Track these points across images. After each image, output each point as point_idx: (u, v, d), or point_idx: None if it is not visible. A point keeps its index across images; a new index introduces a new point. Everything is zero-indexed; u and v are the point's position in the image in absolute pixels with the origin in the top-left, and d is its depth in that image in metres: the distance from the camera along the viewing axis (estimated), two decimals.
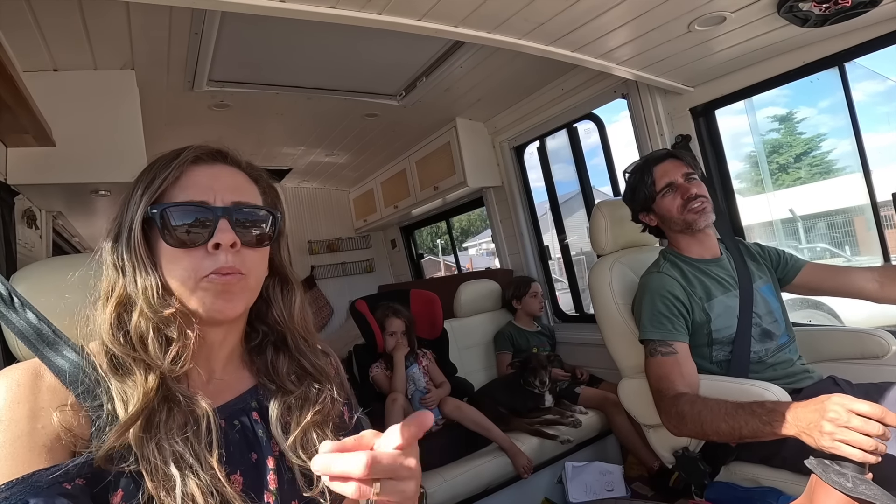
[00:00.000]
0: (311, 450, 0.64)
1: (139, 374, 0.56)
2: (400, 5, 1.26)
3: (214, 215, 0.60)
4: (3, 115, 1.43)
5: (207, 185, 0.62)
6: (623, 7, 1.40)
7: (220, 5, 1.16)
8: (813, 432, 0.94)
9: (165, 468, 0.53)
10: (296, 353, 0.70)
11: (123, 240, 0.60)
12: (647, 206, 1.54)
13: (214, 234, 0.59)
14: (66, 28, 1.55)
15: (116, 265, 0.60)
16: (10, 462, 0.49)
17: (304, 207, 4.26)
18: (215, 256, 0.59)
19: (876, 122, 2.20)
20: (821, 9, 1.40)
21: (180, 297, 0.59)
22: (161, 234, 0.59)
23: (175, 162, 0.62)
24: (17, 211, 1.78)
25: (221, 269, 0.59)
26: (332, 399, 0.69)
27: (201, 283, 0.59)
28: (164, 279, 0.59)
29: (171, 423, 0.55)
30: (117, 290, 0.59)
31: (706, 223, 1.45)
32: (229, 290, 0.60)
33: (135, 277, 0.59)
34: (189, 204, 0.60)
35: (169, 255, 0.60)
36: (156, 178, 0.61)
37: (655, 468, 2.09)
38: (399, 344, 2.30)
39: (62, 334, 0.59)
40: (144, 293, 0.58)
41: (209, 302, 0.60)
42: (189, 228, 0.59)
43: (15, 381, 0.54)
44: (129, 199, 0.62)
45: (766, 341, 1.41)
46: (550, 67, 2.20)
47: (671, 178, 1.47)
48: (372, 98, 2.50)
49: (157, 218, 0.59)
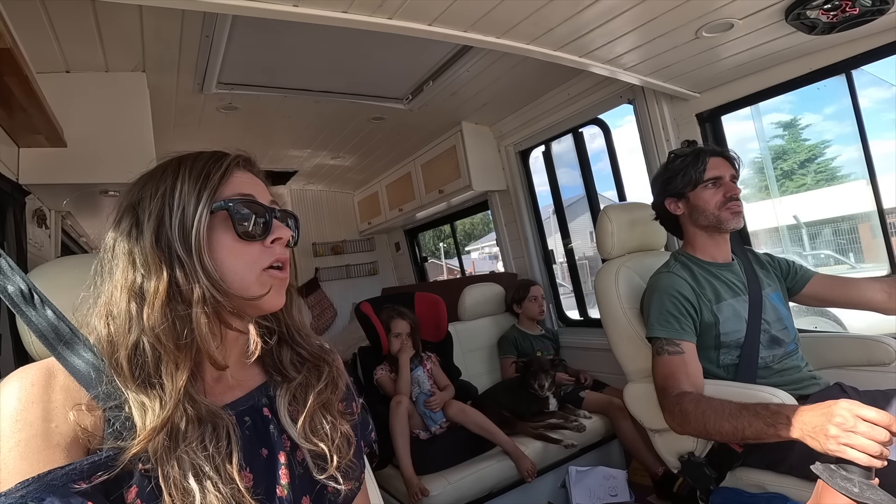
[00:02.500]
0: (321, 433, 0.66)
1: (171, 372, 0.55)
2: (411, 10, 1.27)
3: (271, 213, 0.64)
4: (16, 115, 1.45)
5: (251, 187, 0.66)
6: (631, 13, 1.41)
7: (233, 9, 1.17)
8: (818, 436, 0.94)
9: (185, 482, 0.53)
10: (293, 343, 0.73)
11: (177, 234, 0.59)
12: (682, 193, 1.48)
13: (272, 230, 0.64)
14: (79, 30, 1.57)
15: (161, 259, 0.58)
16: (25, 461, 0.50)
17: (309, 210, 4.28)
18: (271, 250, 0.63)
19: (882, 129, 2.21)
20: (828, 17, 1.40)
21: (240, 287, 0.61)
22: (233, 226, 0.61)
23: (224, 161, 0.64)
24: (27, 210, 1.80)
25: (281, 259, 0.64)
26: (333, 381, 0.72)
27: (262, 276, 0.63)
28: (221, 271, 0.60)
29: (191, 433, 0.55)
30: (162, 286, 0.57)
31: (736, 226, 1.44)
32: (283, 284, 0.65)
33: (194, 269, 0.58)
34: (255, 201, 0.64)
35: (230, 247, 0.61)
36: (211, 175, 0.62)
37: (660, 474, 2.08)
38: (404, 346, 2.30)
39: (80, 333, 0.59)
40: (210, 283, 0.58)
41: (269, 293, 0.63)
42: (254, 223, 0.62)
43: (29, 381, 0.54)
44: (172, 192, 0.60)
45: (775, 348, 1.41)
46: (557, 72, 2.22)
47: (721, 173, 1.45)
48: (379, 101, 2.51)
49: (231, 211, 0.61)
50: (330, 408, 0.70)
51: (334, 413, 0.70)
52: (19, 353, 0.80)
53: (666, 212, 1.56)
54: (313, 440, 0.66)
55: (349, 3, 1.21)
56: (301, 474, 0.65)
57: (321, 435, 0.66)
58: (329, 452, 0.66)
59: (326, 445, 0.66)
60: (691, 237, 1.53)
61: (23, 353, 0.81)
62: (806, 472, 1.18)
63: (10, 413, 0.51)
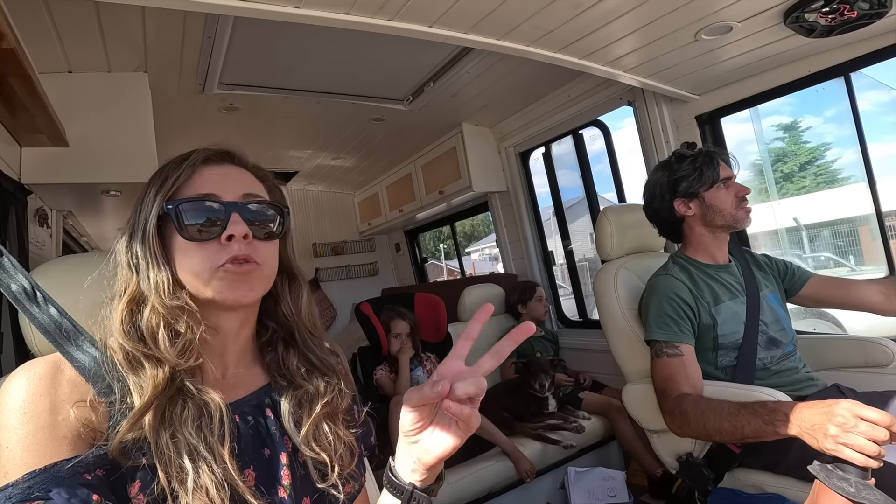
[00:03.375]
0: (324, 442, 0.66)
1: (149, 369, 0.57)
2: (412, 12, 1.28)
3: (227, 209, 0.62)
4: (19, 114, 1.46)
5: (217, 183, 0.65)
6: (631, 16, 1.41)
7: (235, 10, 1.17)
8: (817, 433, 0.94)
9: (179, 460, 0.54)
10: (303, 348, 0.72)
11: (138, 238, 0.62)
12: (695, 193, 1.46)
13: (227, 226, 0.62)
14: (82, 30, 1.58)
15: (130, 263, 0.62)
16: (32, 453, 0.50)
17: (309, 210, 4.29)
18: (228, 247, 0.62)
19: (881, 132, 2.21)
20: (827, 19, 1.41)
21: (194, 289, 0.61)
22: (177, 229, 0.61)
23: (186, 162, 0.64)
24: (29, 210, 1.80)
25: (237, 257, 0.61)
26: (340, 391, 0.71)
27: (217, 273, 0.61)
28: (177, 274, 0.61)
29: (184, 415, 0.56)
30: (130, 288, 0.61)
31: (749, 224, 1.48)
32: (246, 279, 0.63)
33: (147, 273, 0.61)
34: (202, 199, 0.62)
35: (183, 248, 0.62)
36: (168, 178, 0.63)
37: (658, 475, 2.09)
38: (404, 347, 2.30)
39: (82, 329, 0.60)
40: (156, 287, 0.60)
41: (226, 290, 0.62)
42: (203, 222, 0.62)
43: (36, 374, 0.55)
44: (142, 200, 0.64)
45: (772, 349, 1.41)
46: (557, 74, 2.22)
47: (730, 173, 1.49)
48: (379, 102, 2.52)
49: (172, 213, 0.61)
50: (335, 418, 0.69)
51: (339, 423, 0.69)
52: (21, 351, 0.81)
53: (669, 214, 1.52)
54: (316, 449, 0.65)
55: (350, 5, 1.22)
56: (303, 475, 0.66)
57: (324, 444, 0.66)
58: (331, 462, 0.65)
59: (329, 455, 0.66)
60: (696, 238, 1.52)
61: (24, 350, 0.82)
62: (803, 472, 1.18)
63: (18, 405, 0.52)
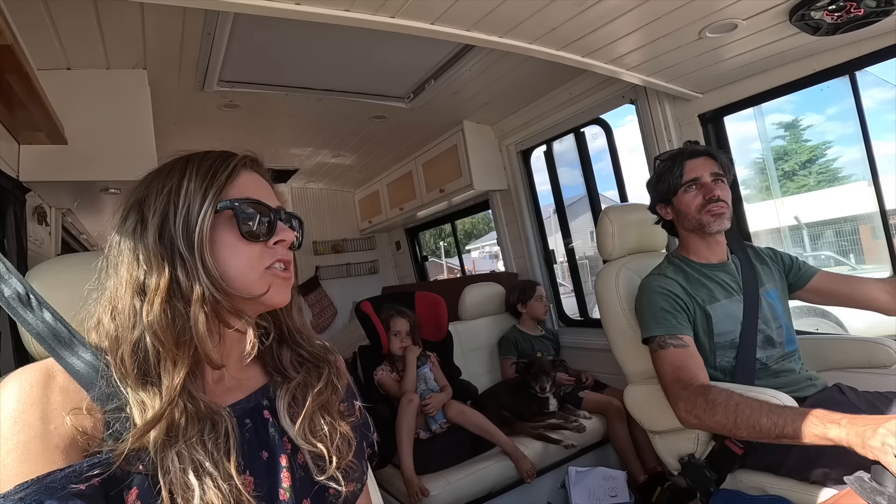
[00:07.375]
0: (320, 433, 0.67)
1: (168, 369, 0.56)
2: (413, 9, 1.27)
3: (276, 215, 0.65)
4: (17, 112, 1.45)
5: (257, 189, 0.66)
6: (634, 13, 1.40)
7: (235, 7, 1.16)
8: (865, 432, 0.90)
9: (185, 477, 0.53)
10: (293, 343, 0.73)
11: (180, 231, 0.59)
12: (666, 198, 1.50)
13: (276, 231, 0.64)
14: (80, 27, 1.57)
15: (164, 255, 0.59)
16: (24, 463, 0.49)
17: (309, 208, 4.27)
18: (274, 251, 0.64)
19: (884, 131, 2.20)
20: (833, 17, 1.40)
21: (241, 286, 0.61)
22: (237, 226, 0.62)
23: (232, 162, 0.65)
24: (28, 208, 1.80)
25: (283, 260, 0.65)
26: (332, 382, 0.72)
27: (264, 274, 0.63)
28: (222, 270, 0.61)
29: (190, 429, 0.55)
30: (163, 283, 0.58)
31: (719, 228, 1.42)
32: (288, 283, 0.66)
33: (195, 267, 0.58)
34: (257, 202, 0.64)
35: (232, 245, 0.62)
36: (217, 175, 0.63)
37: (641, 480, 2.11)
38: (410, 346, 2.30)
39: (78, 334, 0.59)
40: (210, 282, 0.59)
41: (274, 290, 0.64)
42: (258, 224, 0.63)
43: (27, 382, 0.53)
44: (178, 191, 0.61)
45: (769, 348, 1.40)
46: (559, 72, 2.21)
47: (699, 174, 1.44)
48: (380, 100, 2.51)
49: (237, 211, 0.62)
50: (329, 408, 0.70)
51: (334, 414, 0.70)
52: (19, 352, 0.80)
53: (660, 217, 1.58)
54: (312, 441, 0.66)
55: (351, 2, 1.21)
56: (302, 477, 0.65)
57: (320, 436, 0.67)
58: (328, 453, 0.66)
59: (325, 446, 0.66)
60: (684, 239, 1.53)
61: (23, 351, 0.81)
62: (804, 474, 1.19)
63: (9, 415, 0.51)
